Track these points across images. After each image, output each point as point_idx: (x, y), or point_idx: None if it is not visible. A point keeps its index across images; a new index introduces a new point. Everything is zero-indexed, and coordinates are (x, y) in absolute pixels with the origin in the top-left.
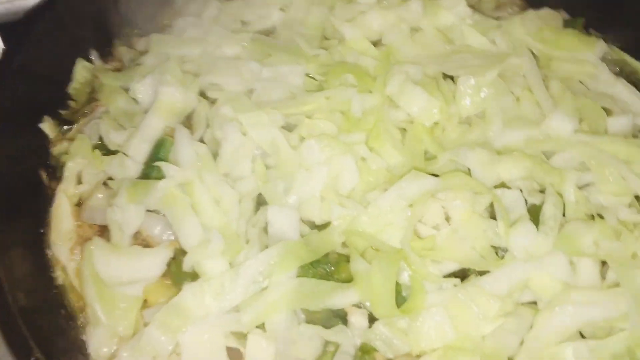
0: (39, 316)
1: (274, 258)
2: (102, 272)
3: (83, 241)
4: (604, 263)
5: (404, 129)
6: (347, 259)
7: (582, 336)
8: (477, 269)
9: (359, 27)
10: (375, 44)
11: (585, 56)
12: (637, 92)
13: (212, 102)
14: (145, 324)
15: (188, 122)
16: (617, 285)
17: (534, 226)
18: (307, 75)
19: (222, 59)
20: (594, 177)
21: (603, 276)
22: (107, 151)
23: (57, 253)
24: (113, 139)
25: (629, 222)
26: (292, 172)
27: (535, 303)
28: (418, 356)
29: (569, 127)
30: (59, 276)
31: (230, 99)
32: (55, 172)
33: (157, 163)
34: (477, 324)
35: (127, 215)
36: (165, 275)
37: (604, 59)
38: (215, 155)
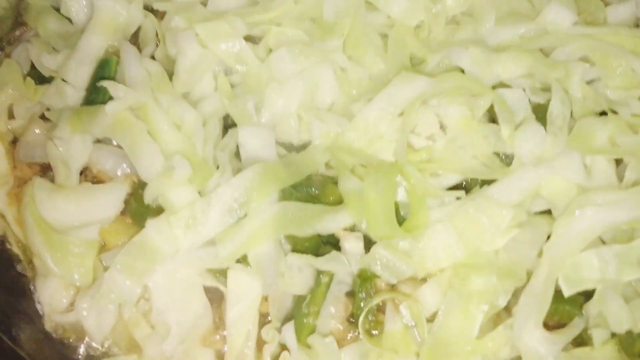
0: None
1: (250, 182)
2: (48, 217)
3: (22, 183)
4: (617, 162)
5: (385, 34)
6: (332, 180)
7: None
8: (481, 179)
9: None
10: None
11: None
12: None
13: (161, 16)
14: (105, 269)
15: (134, 40)
16: (636, 184)
17: (542, 126)
18: None
19: None
20: (600, 71)
21: (619, 176)
22: (40, 79)
23: None
24: (46, 63)
25: None
26: (262, 87)
27: (549, 211)
28: (424, 279)
29: (568, 18)
30: None
31: (182, 8)
32: None
33: (102, 82)
34: (489, 238)
35: (72, 149)
36: (123, 213)
37: None
38: (170, 74)
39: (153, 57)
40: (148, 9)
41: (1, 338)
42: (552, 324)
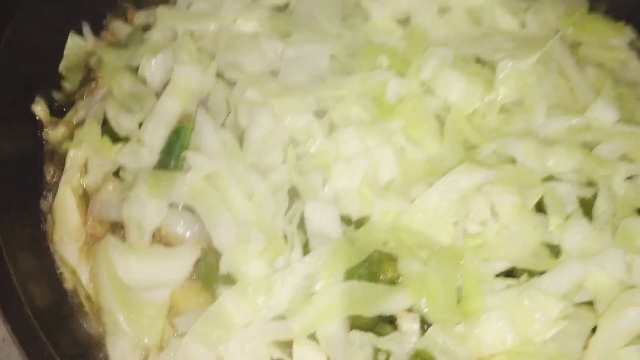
0: (54, 323)
1: (321, 260)
2: (122, 276)
3: (93, 240)
4: None
5: (442, 118)
6: (389, 257)
7: None
8: (531, 269)
9: (387, 6)
10: (402, 24)
11: (614, 42)
12: None
13: (232, 84)
14: (181, 334)
15: (205, 106)
16: None
17: (588, 221)
18: (332, 56)
19: (239, 36)
20: (639, 169)
21: None
22: (114, 138)
23: (64, 254)
24: (122, 123)
25: None
26: (328, 162)
27: (590, 303)
28: None
29: (612, 116)
30: (67, 280)
31: (255, 81)
32: (54, 161)
33: (185, 153)
34: (539, 328)
35: (147, 211)
36: (192, 277)
37: (632, 46)
38: (240, 143)
39: (224, 125)
40: (219, 76)
41: None
42: None
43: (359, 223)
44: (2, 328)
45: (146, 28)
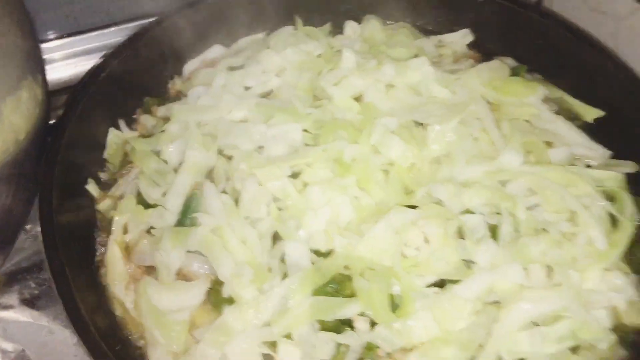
0: (111, 339)
1: (294, 284)
2: (156, 304)
3: (134, 280)
4: (550, 267)
5: (387, 171)
6: (348, 278)
7: (537, 325)
8: (449, 279)
9: (344, 89)
10: (357, 100)
11: (529, 100)
12: (573, 126)
13: (229, 158)
14: (197, 341)
15: (210, 176)
16: (560, 284)
17: (494, 242)
18: (304, 130)
19: (234, 122)
20: (540, 199)
21: (550, 277)
22: (146, 205)
23: (114, 291)
24: (151, 194)
25: (568, 233)
26: (301, 212)
27: (498, 302)
28: (410, 349)
29: (517, 160)
30: (117, 309)
31: (245, 156)
32: (104, 225)
33: (195, 214)
34: (455, 321)
35: (171, 257)
36: (205, 301)
37: (545, 100)
38: (236, 202)
39: (224, 190)
40: (219, 153)
41: None
42: None
43: (327, 254)
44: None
45: (166, 119)
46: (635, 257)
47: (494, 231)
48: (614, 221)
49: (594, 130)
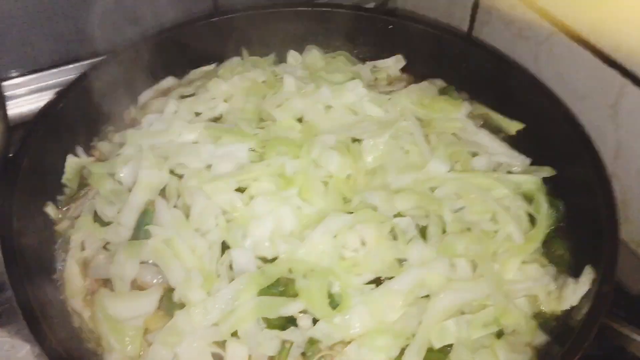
0: (70, 347)
1: (240, 286)
2: (111, 313)
3: (91, 292)
4: (474, 262)
5: (326, 182)
6: (293, 281)
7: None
8: (385, 276)
9: (286, 110)
10: (299, 120)
11: (455, 115)
12: (494, 137)
13: (180, 176)
14: (149, 344)
15: (162, 194)
16: (482, 276)
17: (423, 241)
18: (250, 149)
19: (184, 144)
20: (465, 202)
21: (474, 270)
22: (102, 223)
23: (72, 304)
24: (107, 213)
25: (490, 230)
26: (247, 222)
27: (429, 296)
28: (349, 342)
29: (443, 168)
30: (75, 321)
31: (194, 174)
32: (63, 244)
33: (146, 227)
34: (389, 313)
35: (125, 269)
36: (159, 308)
37: (472, 116)
38: (186, 216)
39: (176, 206)
40: (171, 172)
41: None
42: None
43: (272, 260)
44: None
45: (122, 145)
46: (555, 253)
47: (423, 231)
48: (532, 221)
49: (515, 142)
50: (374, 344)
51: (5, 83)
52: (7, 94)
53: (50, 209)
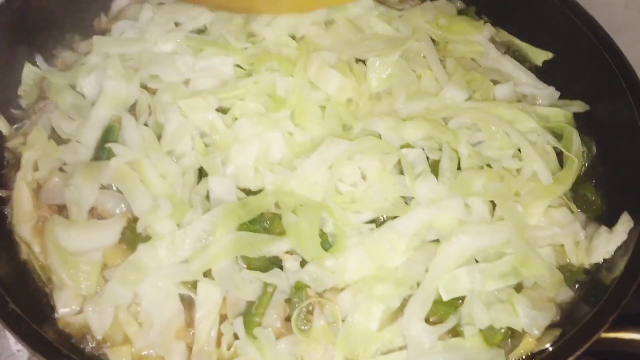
0: (14, 284)
1: (216, 217)
2: (64, 244)
3: (43, 220)
4: (493, 204)
5: (324, 106)
6: (280, 217)
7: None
8: (388, 215)
9: (278, 28)
10: (295, 38)
11: (476, 38)
12: (519, 65)
13: (153, 92)
14: (107, 281)
15: (133, 111)
16: (502, 219)
17: (434, 177)
18: (237, 65)
19: (159, 54)
20: (484, 136)
21: (492, 213)
22: (60, 141)
23: (21, 232)
24: (65, 129)
25: (512, 168)
26: (228, 147)
27: (438, 241)
28: (343, 288)
29: (460, 96)
30: (23, 252)
31: (169, 88)
32: (11, 164)
33: (108, 144)
34: (390, 257)
35: (83, 193)
36: (120, 241)
37: (493, 41)
38: (159, 137)
39: (146, 124)
40: (143, 86)
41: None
42: (434, 320)
43: (257, 192)
44: None
45: (87, 54)
46: (586, 198)
47: (434, 166)
48: (561, 161)
49: (542, 74)
50: (371, 292)
51: None
52: None
53: (1, 124)
